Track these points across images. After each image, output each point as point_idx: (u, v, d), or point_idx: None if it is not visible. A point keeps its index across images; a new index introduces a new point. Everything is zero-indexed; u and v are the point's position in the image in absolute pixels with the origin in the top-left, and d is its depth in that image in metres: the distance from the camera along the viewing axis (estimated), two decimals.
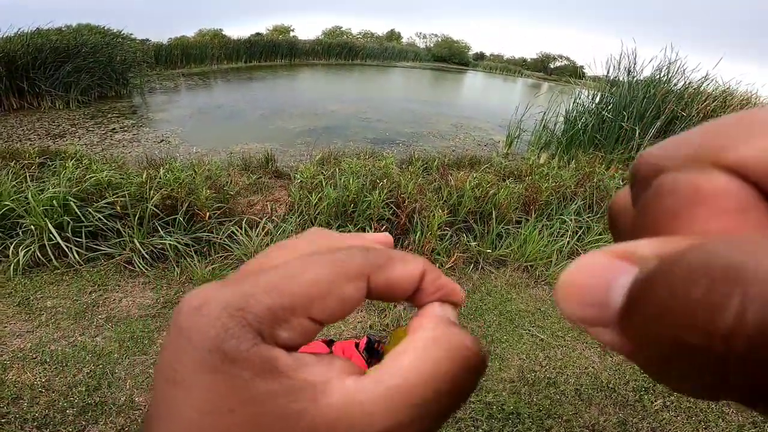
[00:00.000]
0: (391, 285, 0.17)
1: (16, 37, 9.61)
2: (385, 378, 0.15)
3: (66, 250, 2.68)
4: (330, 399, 0.14)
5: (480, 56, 49.36)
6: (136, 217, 2.82)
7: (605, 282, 0.10)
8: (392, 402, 0.14)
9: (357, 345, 2.00)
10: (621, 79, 6.41)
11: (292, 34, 35.38)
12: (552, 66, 45.39)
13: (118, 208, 2.81)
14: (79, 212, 2.76)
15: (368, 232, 1.90)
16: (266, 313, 0.15)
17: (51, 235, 2.67)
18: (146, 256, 2.73)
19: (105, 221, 2.80)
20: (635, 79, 6.25)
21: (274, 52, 22.07)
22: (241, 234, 2.92)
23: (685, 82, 6.05)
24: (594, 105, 6.34)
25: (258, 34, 28.39)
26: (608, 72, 6.70)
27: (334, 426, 0.14)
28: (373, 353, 1.99)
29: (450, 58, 40.65)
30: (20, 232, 2.74)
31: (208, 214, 2.99)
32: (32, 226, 2.68)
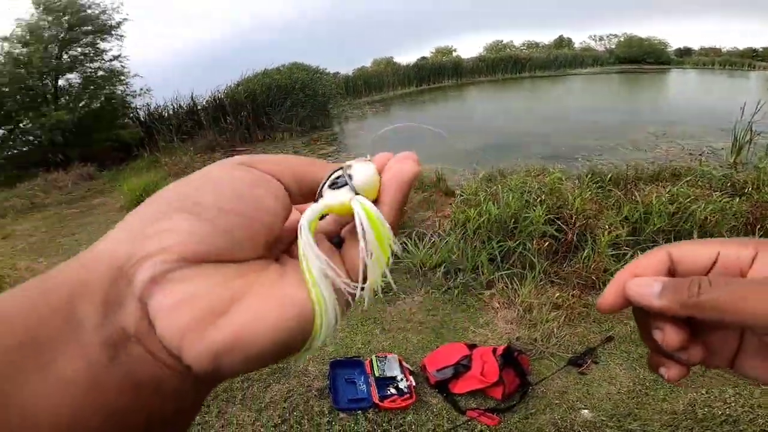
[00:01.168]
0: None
1: (254, 77, 12.04)
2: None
3: None
4: None
5: (685, 52, 39.40)
6: None
7: (654, 283, 0.25)
8: None
9: (494, 351, 2.05)
10: None
11: (454, 54, 35.82)
12: None
13: None
14: None
15: (528, 247, 1.96)
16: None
17: None
18: None
19: None
20: None
21: (440, 74, 22.73)
22: (410, 244, 3.32)
23: None
24: None
25: (423, 58, 29.62)
26: None
27: None
28: (510, 360, 2.00)
29: (642, 58, 33.91)
30: None
31: None
32: None
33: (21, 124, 9.84)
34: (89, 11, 10.10)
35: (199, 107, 11.69)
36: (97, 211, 6.30)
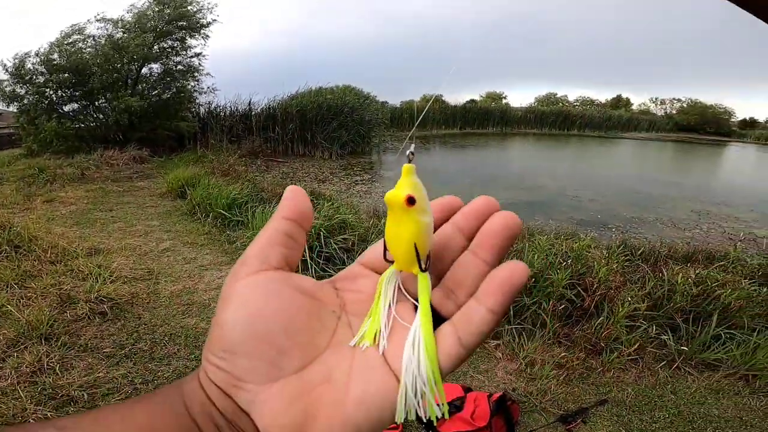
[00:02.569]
0: None
1: (308, 93, 12.29)
2: None
3: (309, 266, 3.72)
4: None
5: (749, 123, 37.16)
6: (357, 254, 3.67)
7: None
8: None
9: (490, 396, 2.05)
10: None
11: (504, 101, 35.86)
12: None
13: (350, 243, 3.74)
14: (324, 241, 3.81)
15: (544, 307, 2.01)
16: None
17: (303, 254, 3.78)
18: None
19: (338, 251, 3.75)
20: None
21: (486, 119, 23.04)
22: None
23: None
24: None
25: (472, 100, 29.57)
26: None
27: None
28: (501, 408, 2.00)
29: (701, 127, 32.52)
30: None
31: None
32: None
33: (97, 102, 10.52)
34: (189, 8, 10.76)
35: (253, 113, 12.19)
36: (139, 193, 6.60)
